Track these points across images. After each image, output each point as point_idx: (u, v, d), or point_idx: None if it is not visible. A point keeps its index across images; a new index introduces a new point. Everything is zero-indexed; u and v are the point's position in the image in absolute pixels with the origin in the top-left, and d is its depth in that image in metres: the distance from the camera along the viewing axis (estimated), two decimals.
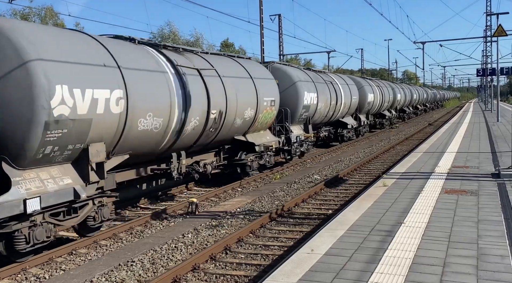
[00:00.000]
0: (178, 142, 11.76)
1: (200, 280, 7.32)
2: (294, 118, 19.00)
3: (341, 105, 25.24)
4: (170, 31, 53.17)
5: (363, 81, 31.99)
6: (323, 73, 25.12)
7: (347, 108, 26.50)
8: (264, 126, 16.51)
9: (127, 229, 10.23)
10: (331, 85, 23.96)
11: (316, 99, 20.87)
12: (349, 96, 26.59)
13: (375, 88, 34.35)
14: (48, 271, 7.86)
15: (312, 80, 21.41)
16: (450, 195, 9.64)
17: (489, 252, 6.07)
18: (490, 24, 49.36)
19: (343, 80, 27.41)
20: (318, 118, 22.19)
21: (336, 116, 25.08)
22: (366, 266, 5.74)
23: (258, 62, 19.09)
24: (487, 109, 54.05)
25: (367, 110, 32.05)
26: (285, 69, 19.68)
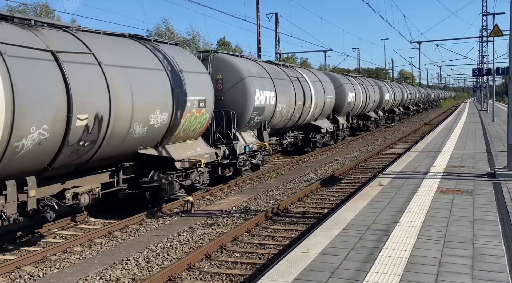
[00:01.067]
0: (11, 164, 7.75)
1: (195, 278, 7.30)
2: (241, 123, 15.24)
3: (311, 106, 21.08)
4: (166, 29, 53.03)
5: (342, 79, 27.94)
6: (289, 68, 20.91)
7: (320, 109, 22.61)
8: (192, 135, 12.52)
9: (122, 227, 10.18)
10: (297, 83, 19.86)
11: (274, 99, 17.09)
12: (323, 96, 22.71)
13: (357, 86, 30.45)
14: (42, 269, 7.82)
15: (269, 76, 17.34)
16: (445, 195, 9.65)
17: (484, 252, 6.08)
18: (486, 24, 49.63)
19: (316, 76, 23.25)
20: (279, 122, 18.23)
21: (305, 119, 21.16)
22: (361, 265, 5.73)
23: (187, 52, 14.62)
24: (482, 109, 54.23)
25: (347, 112, 28.12)
26: (231, 61, 15.55)
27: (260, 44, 32.24)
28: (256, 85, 15.77)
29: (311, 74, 23.00)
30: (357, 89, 29.93)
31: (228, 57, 15.96)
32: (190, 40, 53.21)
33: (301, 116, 20.46)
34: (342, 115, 27.31)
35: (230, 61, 15.72)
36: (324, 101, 23.03)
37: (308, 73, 22.83)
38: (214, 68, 15.25)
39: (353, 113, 29.91)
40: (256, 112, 15.80)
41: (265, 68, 17.63)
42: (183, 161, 11.70)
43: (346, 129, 27.85)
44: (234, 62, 15.72)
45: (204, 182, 12.90)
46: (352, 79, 30.54)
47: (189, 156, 12.04)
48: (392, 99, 43.14)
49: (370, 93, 33.52)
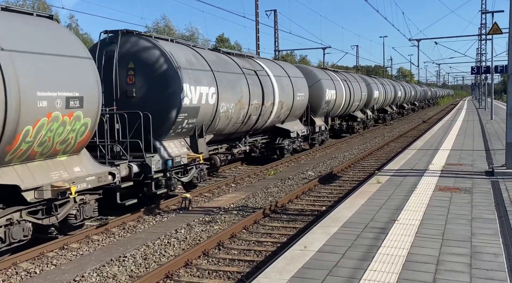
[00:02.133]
0: None
1: (193, 275, 7.28)
2: (162, 129, 11.65)
3: (273, 105, 17.41)
4: (165, 25, 52.97)
5: (320, 73, 23.87)
6: (245, 58, 17.17)
7: (288, 109, 18.80)
8: (64, 149, 8.57)
9: (119, 224, 10.16)
10: (253, 77, 16.21)
11: (214, 97, 13.62)
12: (291, 93, 18.87)
13: (339, 83, 26.24)
14: (39, 266, 7.79)
15: (209, 67, 13.61)
16: (443, 193, 9.64)
17: (482, 250, 6.07)
18: (485, 22, 49.57)
19: (282, 70, 19.29)
20: (225, 126, 14.56)
21: (267, 121, 17.40)
22: (359, 263, 5.72)
23: (53, 25, 10.35)
24: (481, 107, 54.27)
25: (325, 112, 24.23)
26: (150, 46, 12.03)
27: (259, 41, 32.22)
28: (186, 78, 11.73)
29: (275, 67, 18.78)
30: (339, 86, 25.89)
31: (146, 40, 11.80)
32: (189, 36, 53.18)
33: (260, 118, 16.43)
34: (319, 116, 23.43)
35: (148, 45, 11.68)
36: (293, 100, 19.01)
37: (272, 65, 18.73)
38: (124, 55, 11.49)
39: (334, 113, 26.19)
40: (185, 114, 11.78)
41: (204, 57, 13.44)
42: (41, 190, 7.95)
43: (324, 131, 24.09)
44: (154, 46, 11.68)
45: (87, 215, 9.18)
46: (333, 75, 26.48)
47: (55, 181, 8.22)
48: (382, 97, 39.25)
49: (355, 91, 29.58)
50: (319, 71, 24.75)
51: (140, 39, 11.75)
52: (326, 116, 24.52)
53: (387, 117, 42.08)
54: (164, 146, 11.52)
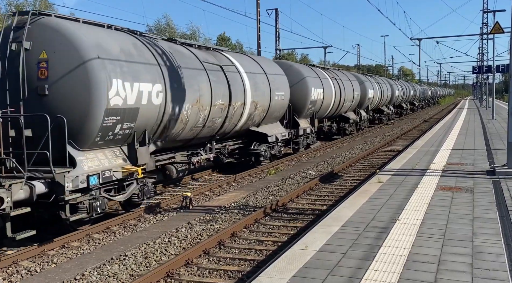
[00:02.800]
0: None
1: (193, 274, 7.27)
2: (84, 136, 8.97)
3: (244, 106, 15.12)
4: (167, 24, 52.96)
5: (305, 70, 21.56)
6: (210, 51, 14.89)
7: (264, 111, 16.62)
8: None
9: (120, 222, 10.15)
10: (218, 73, 13.93)
11: (161, 97, 11.13)
12: (267, 92, 16.69)
13: (327, 81, 23.85)
14: (39, 264, 7.79)
15: (155, 60, 11.09)
16: (445, 192, 9.62)
17: (484, 250, 6.05)
18: (487, 21, 49.53)
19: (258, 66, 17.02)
20: (180, 131, 12.18)
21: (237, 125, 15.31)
22: (360, 263, 5.70)
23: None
24: (482, 107, 54.21)
25: (311, 113, 21.95)
26: (67, 32, 9.45)
27: (260, 40, 32.21)
28: (117, 72, 9.52)
29: (249, 63, 16.42)
30: (327, 85, 23.68)
31: (63, 24, 9.30)
32: (190, 35, 53.16)
33: (227, 121, 14.17)
34: (304, 118, 21.34)
35: (66, 31, 9.19)
36: (271, 100, 16.79)
37: (245, 60, 16.33)
38: (36, 42, 9.14)
39: (322, 114, 23.95)
40: (116, 118, 9.51)
41: (150, 48, 11.00)
42: None
43: (310, 134, 21.81)
44: (73, 33, 9.20)
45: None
46: (320, 72, 24.20)
47: None
48: (378, 97, 36.87)
49: (347, 90, 27.27)
50: (304, 67, 22.34)
51: (58, 23, 9.27)
52: (313, 118, 22.25)
53: (384, 118, 39.95)
54: (87, 158, 9.25)
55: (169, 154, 12.48)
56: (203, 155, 13.56)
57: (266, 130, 17.06)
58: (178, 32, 52.52)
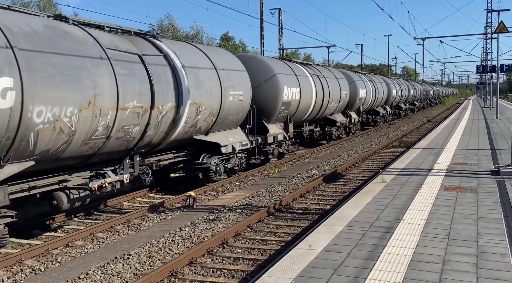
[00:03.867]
0: None
1: (197, 274, 7.27)
2: None
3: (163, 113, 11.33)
4: (170, 24, 53.01)
5: (277, 66, 17.88)
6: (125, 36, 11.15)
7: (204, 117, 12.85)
8: None
9: (124, 221, 10.16)
10: (138, 66, 10.47)
11: (12, 98, 7.88)
12: (218, 93, 13.43)
13: (306, 79, 20.37)
14: (43, 263, 7.80)
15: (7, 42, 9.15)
16: (449, 192, 9.59)
17: (488, 250, 6.03)
18: (491, 21, 49.35)
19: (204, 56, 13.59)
20: (57, 147, 8.39)
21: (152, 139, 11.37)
22: (364, 263, 5.69)
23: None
24: (486, 107, 54.06)
25: (284, 117, 18.33)
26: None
27: (263, 39, 32.18)
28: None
29: (192, 53, 13.02)
30: (306, 83, 20.20)
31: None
32: (193, 35, 53.18)
33: (150, 130, 10.68)
34: (275, 122, 18.00)
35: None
36: (222, 101, 13.43)
37: (186, 50, 12.91)
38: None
39: (301, 117, 20.45)
40: None
41: (1, 28, 7.59)
42: None
43: (284, 141, 18.27)
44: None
45: None
46: (298, 68, 20.63)
47: None
48: (372, 97, 32.97)
49: (332, 89, 23.46)
50: (275, 62, 18.47)
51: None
52: (287, 122, 18.65)
53: (379, 120, 36.53)
54: None
55: (58, 177, 9.29)
56: (110, 177, 9.96)
57: (219, 139, 13.70)
58: (181, 32, 52.55)
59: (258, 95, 16.33)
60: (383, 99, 37.95)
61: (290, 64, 20.10)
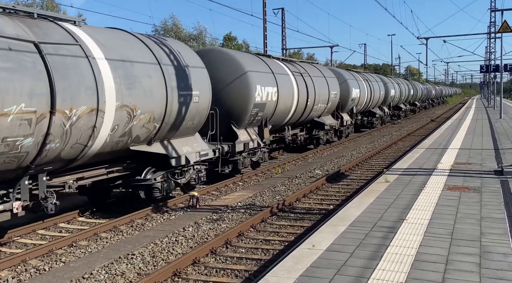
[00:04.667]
0: None
1: (201, 274, 7.29)
2: None
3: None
4: (173, 24, 53.06)
5: (247, 63, 15.34)
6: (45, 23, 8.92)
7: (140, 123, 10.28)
8: None
9: (127, 221, 10.20)
10: None
11: None
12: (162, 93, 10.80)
13: (285, 78, 17.85)
14: (48, 263, 7.84)
15: None
16: (452, 192, 9.59)
17: (492, 250, 6.03)
18: (495, 20, 49.17)
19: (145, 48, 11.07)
20: None
21: None
22: (368, 262, 5.70)
23: None
24: (489, 106, 53.91)
25: (258, 121, 15.91)
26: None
27: (266, 39, 32.19)
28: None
29: (123, 45, 10.36)
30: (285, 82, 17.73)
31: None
32: (197, 35, 53.25)
33: (54, 142, 8.23)
34: (246, 127, 15.53)
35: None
36: (167, 104, 10.86)
37: (116, 40, 10.30)
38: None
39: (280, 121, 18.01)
40: None
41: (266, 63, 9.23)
42: None
43: (259, 149, 16.02)
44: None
45: None
46: (278, 65, 18.24)
47: None
48: (366, 97, 30.32)
49: (319, 89, 20.95)
50: (246, 58, 15.93)
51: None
52: (261, 127, 16.36)
53: (376, 122, 33.84)
54: None
55: None
56: None
57: (167, 149, 11.32)
58: (185, 32, 52.62)
59: (225, 96, 14.45)
60: (380, 100, 35.57)
61: (266, 60, 17.47)
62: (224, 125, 14.21)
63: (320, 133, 22.34)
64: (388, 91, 37.67)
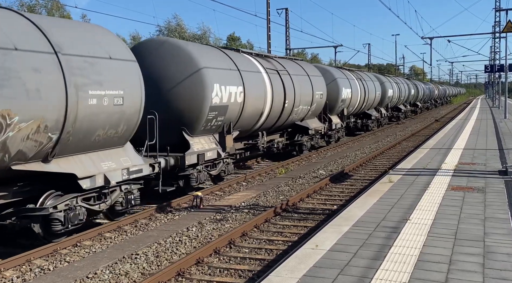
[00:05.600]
0: None
1: (204, 273, 7.31)
2: None
3: None
4: (177, 24, 53.16)
5: (200, 57, 12.69)
6: None
7: None
8: None
9: (131, 221, 10.23)
10: None
11: None
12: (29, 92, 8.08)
13: (255, 76, 15.30)
14: (52, 263, 7.88)
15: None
16: (456, 192, 9.57)
17: (495, 250, 6.01)
18: (499, 20, 49.07)
19: None
20: None
21: None
22: (371, 262, 5.70)
23: None
24: (494, 106, 53.72)
25: (218, 127, 13.39)
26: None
27: (270, 39, 32.17)
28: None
29: None
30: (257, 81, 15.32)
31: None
32: (200, 35, 53.32)
33: None
34: (203, 134, 13.04)
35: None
36: (67, 105, 8.23)
37: None
38: None
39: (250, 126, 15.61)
40: None
41: None
42: None
43: (221, 161, 13.58)
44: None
45: None
46: (246, 61, 15.57)
47: None
48: (360, 98, 27.86)
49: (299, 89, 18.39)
50: (199, 51, 13.06)
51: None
52: (222, 133, 13.66)
53: (371, 125, 31.21)
54: None
55: None
56: None
57: (74, 167, 8.70)
58: (188, 33, 52.69)
59: (174, 98, 12.14)
60: (376, 101, 32.55)
61: (232, 55, 14.66)
62: (174, 132, 12.03)
63: (303, 138, 19.63)
64: (386, 91, 34.97)
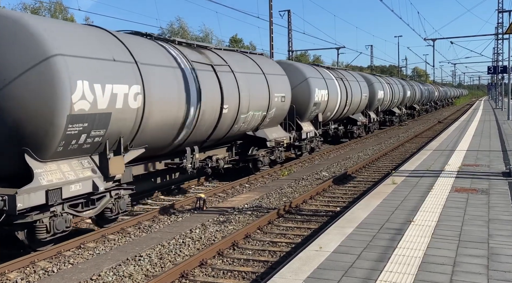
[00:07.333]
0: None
1: (208, 275, 7.31)
2: None
3: None
4: (180, 27, 53.28)
5: (41, 39, 7.83)
6: None
7: None
8: None
9: (135, 223, 10.24)
10: None
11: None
12: None
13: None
14: (56, 265, 7.89)
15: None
16: (460, 194, 9.55)
17: (500, 252, 6.00)
18: (502, 21, 48.92)
19: None
20: None
21: None
22: (375, 264, 5.69)
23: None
24: (497, 108, 53.59)
25: (80, 145, 8.61)
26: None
27: (272, 41, 32.19)
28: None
29: None
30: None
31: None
32: (203, 37, 53.45)
33: None
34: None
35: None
36: None
37: None
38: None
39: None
40: None
41: None
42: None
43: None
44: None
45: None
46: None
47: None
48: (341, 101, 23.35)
49: (254, 91, 14.51)
50: (47, 24, 8.31)
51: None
52: (105, 154, 9.39)
53: (357, 132, 27.19)
54: None
55: None
56: None
57: None
58: (191, 35, 52.82)
59: (7, 103, 7.65)
60: (364, 104, 28.32)
61: (124, 39, 10.22)
62: (12, 155, 7.91)
63: (259, 152, 15.63)
64: (375, 93, 30.67)
